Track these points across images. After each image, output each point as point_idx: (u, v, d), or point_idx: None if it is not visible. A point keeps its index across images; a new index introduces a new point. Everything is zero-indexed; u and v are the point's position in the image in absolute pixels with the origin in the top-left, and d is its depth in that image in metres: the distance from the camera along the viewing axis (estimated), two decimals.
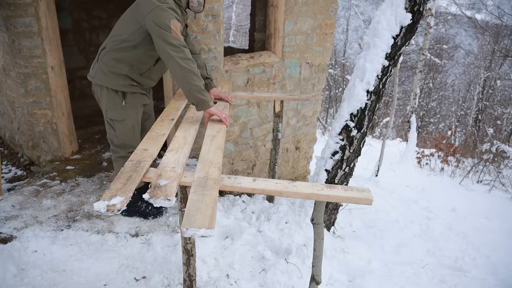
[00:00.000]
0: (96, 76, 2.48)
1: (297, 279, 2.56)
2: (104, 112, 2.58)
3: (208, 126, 2.29)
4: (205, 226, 1.31)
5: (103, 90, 2.49)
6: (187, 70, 2.16)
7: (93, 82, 2.53)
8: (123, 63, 2.40)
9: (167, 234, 2.67)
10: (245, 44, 13.68)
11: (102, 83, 2.46)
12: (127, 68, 2.41)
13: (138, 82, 2.51)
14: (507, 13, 14.63)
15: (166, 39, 2.15)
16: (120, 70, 2.41)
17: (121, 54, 2.38)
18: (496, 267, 3.49)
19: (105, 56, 2.43)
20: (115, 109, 2.51)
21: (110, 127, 2.61)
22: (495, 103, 18.13)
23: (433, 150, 8.63)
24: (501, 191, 6.31)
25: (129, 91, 2.48)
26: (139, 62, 2.43)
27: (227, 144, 3.69)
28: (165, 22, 2.16)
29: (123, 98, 2.49)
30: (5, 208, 2.83)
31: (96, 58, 2.52)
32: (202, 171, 1.70)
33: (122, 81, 2.44)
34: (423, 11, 2.94)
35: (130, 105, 2.52)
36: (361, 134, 3.15)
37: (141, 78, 2.50)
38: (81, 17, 5.19)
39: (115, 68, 2.41)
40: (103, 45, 2.48)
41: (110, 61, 2.41)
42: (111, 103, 2.50)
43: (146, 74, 2.51)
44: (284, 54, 4.00)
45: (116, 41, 2.38)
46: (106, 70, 2.42)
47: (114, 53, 2.40)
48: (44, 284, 2.22)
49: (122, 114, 2.53)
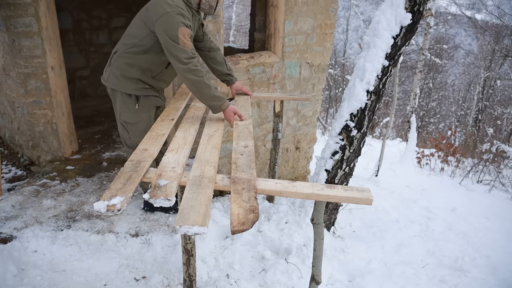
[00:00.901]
0: (108, 80, 2.49)
1: (297, 279, 2.56)
2: (117, 114, 2.59)
3: (206, 125, 2.30)
4: (198, 223, 1.32)
5: (117, 94, 2.50)
6: (194, 81, 2.19)
7: (106, 85, 2.54)
8: (134, 67, 2.40)
9: (167, 234, 2.67)
10: (245, 44, 13.69)
11: (114, 87, 2.47)
12: (139, 72, 2.42)
13: (151, 85, 2.51)
14: (507, 13, 14.63)
15: (173, 53, 2.17)
16: (132, 74, 2.42)
17: (132, 58, 2.39)
18: (496, 267, 3.49)
19: (117, 60, 2.44)
20: (129, 112, 2.52)
21: (123, 129, 2.63)
22: (495, 103, 18.13)
23: (433, 150, 8.63)
24: (501, 191, 6.31)
25: (142, 95, 2.49)
26: (151, 65, 2.43)
27: (227, 144, 3.69)
28: (173, 31, 2.15)
29: (137, 102, 2.50)
30: (5, 208, 2.83)
31: (108, 61, 2.53)
32: (198, 170, 1.71)
33: (134, 85, 2.45)
34: (423, 11, 2.94)
35: (143, 108, 2.53)
36: (361, 134, 3.15)
37: (154, 81, 2.51)
38: (81, 17, 5.19)
39: (127, 72, 2.41)
40: (115, 48, 2.49)
41: (122, 65, 2.42)
42: (125, 106, 2.51)
43: (158, 77, 2.51)
44: (284, 54, 4.00)
45: (127, 45, 2.39)
46: (118, 74, 2.43)
47: (125, 57, 2.40)
48: (44, 284, 2.22)
49: (136, 117, 2.55)
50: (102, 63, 5.55)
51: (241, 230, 1.36)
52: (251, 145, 2.03)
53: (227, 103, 2.31)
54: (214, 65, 2.71)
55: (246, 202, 1.50)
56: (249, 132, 2.20)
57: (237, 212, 1.43)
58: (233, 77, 2.75)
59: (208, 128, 2.25)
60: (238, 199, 1.52)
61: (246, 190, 1.59)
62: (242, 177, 1.70)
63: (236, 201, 1.51)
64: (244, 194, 1.56)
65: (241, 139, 2.10)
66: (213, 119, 2.38)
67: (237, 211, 1.44)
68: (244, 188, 1.60)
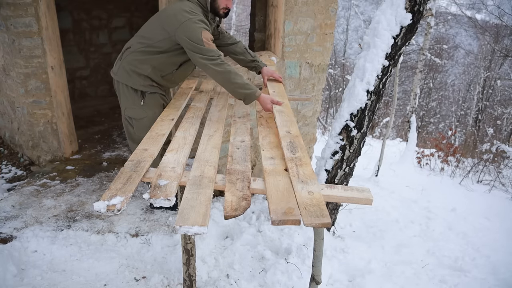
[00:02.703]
0: (117, 73, 2.53)
1: (297, 279, 2.56)
2: (123, 109, 2.64)
3: (205, 125, 2.30)
4: (198, 223, 1.32)
5: (123, 87, 2.54)
6: (226, 72, 2.26)
7: (114, 79, 2.58)
8: (146, 64, 2.44)
9: (167, 234, 2.67)
10: (245, 44, 13.66)
11: (122, 80, 2.51)
12: (150, 69, 2.46)
13: (158, 83, 2.55)
14: (507, 13, 14.62)
15: (201, 53, 2.24)
16: (142, 71, 2.45)
17: (145, 56, 2.43)
18: (496, 267, 3.49)
19: (130, 55, 2.48)
20: (134, 107, 2.56)
21: (128, 124, 2.68)
22: (495, 103, 18.12)
23: (433, 150, 8.63)
24: (501, 191, 6.31)
25: (148, 91, 2.52)
26: (163, 65, 2.47)
27: (227, 144, 3.69)
28: (197, 36, 2.23)
29: (142, 98, 2.53)
30: (5, 208, 2.83)
31: (119, 55, 2.57)
32: (198, 170, 1.71)
33: (142, 81, 2.48)
34: (423, 11, 2.94)
35: (148, 105, 2.56)
36: (361, 134, 3.15)
37: (162, 80, 2.55)
38: (81, 17, 5.18)
39: (138, 68, 2.45)
40: (128, 44, 2.53)
41: (133, 61, 2.45)
42: (130, 101, 2.55)
43: (167, 77, 2.55)
44: (284, 54, 4.00)
45: (143, 44, 2.43)
46: (128, 69, 2.47)
47: (138, 54, 2.44)
48: (44, 284, 2.22)
49: (140, 113, 2.58)
50: (102, 63, 5.56)
51: (233, 216, 1.41)
52: (247, 140, 2.09)
53: (259, 91, 2.35)
54: (237, 56, 2.78)
55: (240, 191, 1.55)
56: (246, 129, 2.27)
57: (230, 199, 1.49)
58: (259, 62, 2.79)
59: (208, 128, 2.26)
60: (232, 188, 1.58)
61: (240, 180, 1.64)
62: (237, 168, 1.74)
63: (230, 190, 1.56)
64: (238, 183, 1.61)
65: (238, 135, 2.17)
66: (213, 119, 2.37)
67: (230, 199, 1.49)
68: (239, 179, 1.65)
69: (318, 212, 1.43)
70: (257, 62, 2.78)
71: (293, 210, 1.42)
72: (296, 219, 1.38)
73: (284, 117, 2.25)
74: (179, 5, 2.34)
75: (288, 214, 1.40)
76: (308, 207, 1.46)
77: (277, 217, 1.38)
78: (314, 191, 1.56)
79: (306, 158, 1.82)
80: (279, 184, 1.61)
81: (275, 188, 1.58)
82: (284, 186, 1.60)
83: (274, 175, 1.69)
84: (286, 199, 1.50)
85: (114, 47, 5.60)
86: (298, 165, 1.76)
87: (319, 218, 1.39)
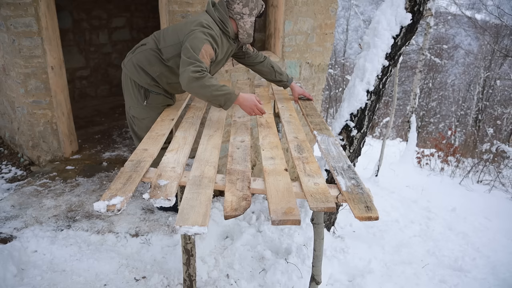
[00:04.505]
0: (126, 65, 2.51)
1: (297, 279, 2.56)
2: (127, 107, 2.64)
3: (205, 125, 2.30)
4: (198, 223, 1.33)
5: (129, 83, 2.52)
6: (201, 78, 2.03)
7: (123, 71, 2.57)
8: (155, 67, 2.42)
9: (167, 234, 2.67)
10: None
11: (129, 74, 2.49)
12: (157, 73, 2.43)
13: (164, 87, 2.52)
14: (507, 13, 14.62)
15: (190, 58, 2.06)
16: (151, 72, 2.44)
17: (156, 60, 2.40)
18: (496, 267, 3.49)
19: (142, 52, 2.44)
20: (137, 107, 2.55)
21: (132, 123, 2.68)
22: (495, 103, 18.13)
23: (433, 150, 8.64)
24: (501, 191, 6.31)
25: (152, 91, 2.50)
26: (170, 74, 2.44)
27: (227, 144, 3.69)
28: (197, 45, 2.11)
29: (146, 98, 2.51)
30: (5, 208, 2.83)
31: (133, 49, 2.54)
32: (198, 170, 1.72)
33: (149, 81, 2.46)
34: (423, 11, 2.95)
35: (152, 106, 2.53)
36: (361, 134, 3.15)
37: (167, 86, 2.52)
38: (81, 17, 5.19)
39: (146, 68, 2.43)
40: (145, 40, 2.50)
41: (144, 60, 2.43)
42: (134, 100, 2.53)
43: (173, 85, 2.52)
44: (284, 54, 4.00)
45: (155, 45, 2.40)
46: (137, 65, 2.45)
47: (150, 55, 2.41)
48: (44, 284, 2.22)
49: (143, 113, 2.57)
50: (102, 63, 5.57)
51: (233, 216, 1.42)
52: (247, 140, 2.10)
53: (234, 94, 2.13)
54: (265, 76, 2.81)
55: (240, 191, 1.55)
56: (246, 129, 2.29)
57: (230, 199, 1.49)
58: (287, 81, 2.81)
59: (208, 128, 2.26)
60: (232, 188, 1.58)
61: (240, 180, 1.65)
62: (237, 168, 1.75)
63: (230, 190, 1.57)
64: (238, 183, 1.62)
65: (238, 135, 2.18)
66: (213, 119, 2.38)
67: (230, 199, 1.50)
68: (239, 179, 1.66)
69: (323, 198, 1.51)
70: (284, 81, 2.82)
71: (293, 210, 1.43)
72: (296, 219, 1.39)
73: (291, 126, 2.45)
74: (199, 17, 2.30)
75: (288, 214, 1.40)
76: (314, 194, 1.54)
77: (277, 217, 1.38)
78: (320, 182, 1.63)
79: (312, 158, 1.90)
80: (279, 184, 1.62)
81: (275, 188, 1.59)
82: (284, 186, 1.60)
83: (274, 175, 1.70)
84: (286, 199, 1.50)
85: (114, 47, 5.60)
86: (305, 163, 1.84)
87: (324, 203, 1.48)
